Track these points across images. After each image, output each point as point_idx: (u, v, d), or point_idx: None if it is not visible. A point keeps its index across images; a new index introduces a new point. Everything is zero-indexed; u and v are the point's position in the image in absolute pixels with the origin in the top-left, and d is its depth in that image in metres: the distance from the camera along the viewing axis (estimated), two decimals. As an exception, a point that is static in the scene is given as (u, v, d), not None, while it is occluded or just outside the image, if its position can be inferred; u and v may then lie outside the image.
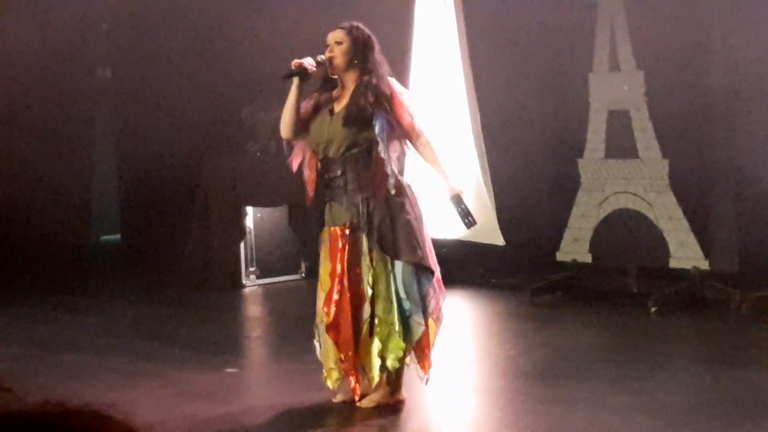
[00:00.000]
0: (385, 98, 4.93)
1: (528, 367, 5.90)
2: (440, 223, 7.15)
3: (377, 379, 5.02)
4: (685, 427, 4.66)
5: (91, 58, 10.57)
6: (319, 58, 4.99)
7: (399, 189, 4.95)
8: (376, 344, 4.97)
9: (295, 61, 4.97)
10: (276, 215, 9.09)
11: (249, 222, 8.91)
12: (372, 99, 4.91)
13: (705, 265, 7.41)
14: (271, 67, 6.71)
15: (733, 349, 6.24)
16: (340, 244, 4.96)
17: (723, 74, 7.40)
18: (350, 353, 4.94)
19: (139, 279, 9.27)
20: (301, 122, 5.06)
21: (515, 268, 8.46)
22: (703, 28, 7.41)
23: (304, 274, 9.10)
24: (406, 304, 4.95)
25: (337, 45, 4.98)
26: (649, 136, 7.63)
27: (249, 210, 8.91)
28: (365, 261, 4.93)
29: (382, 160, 4.89)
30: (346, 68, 5.00)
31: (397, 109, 4.94)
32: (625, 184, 7.76)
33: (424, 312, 4.96)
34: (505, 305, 7.91)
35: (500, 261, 8.53)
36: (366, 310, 4.94)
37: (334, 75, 5.03)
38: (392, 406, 5.04)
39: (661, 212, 7.58)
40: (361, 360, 4.99)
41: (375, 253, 4.92)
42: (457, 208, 5.05)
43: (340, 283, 4.94)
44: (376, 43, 5.05)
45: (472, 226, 5.11)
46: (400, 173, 5.03)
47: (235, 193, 8.88)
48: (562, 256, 8.09)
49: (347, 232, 4.95)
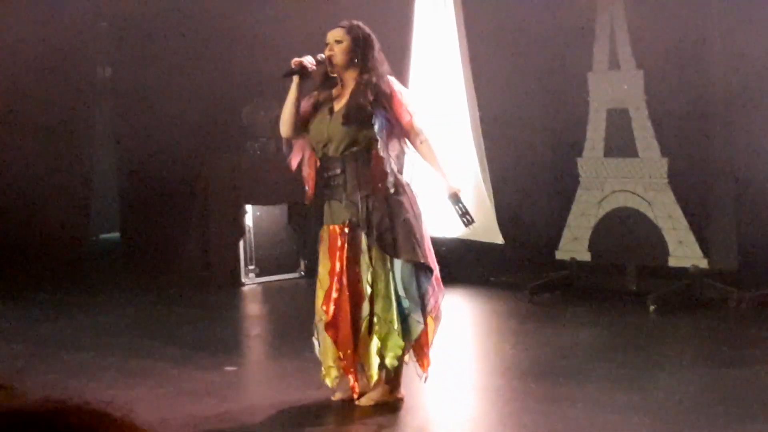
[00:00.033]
0: (385, 97, 4.94)
1: (527, 365, 5.90)
2: (439, 222, 7.15)
3: (376, 377, 5.02)
4: (683, 425, 4.67)
5: (91, 56, 10.56)
6: (319, 57, 5.00)
7: (398, 187, 4.95)
8: (375, 342, 4.97)
9: (295, 60, 4.97)
10: (275, 214, 9.09)
11: (248, 220, 8.91)
12: (371, 97, 4.91)
13: (704, 263, 7.42)
14: (270, 66, 6.71)
15: (731, 347, 6.25)
16: (339, 243, 4.97)
17: (722, 73, 7.40)
18: (349, 351, 4.94)
19: (139, 277, 9.26)
20: (301, 121, 5.06)
21: (514, 267, 8.45)
22: (703, 27, 7.40)
23: (303, 273, 9.10)
24: (405, 303, 4.95)
25: (337, 43, 4.98)
26: (649, 134, 7.63)
27: (248, 208, 8.91)
28: (364, 259, 4.94)
29: (382, 158, 4.89)
30: (346, 67, 5.00)
31: (397, 107, 4.94)
32: (625, 182, 7.76)
33: (423, 310, 4.96)
34: (504, 304, 7.91)
35: (499, 259, 8.53)
36: (365, 308, 4.95)
37: (334, 73, 5.03)
38: (391, 405, 5.05)
39: (660, 211, 7.58)
40: (359, 358, 5.00)
41: (374, 252, 4.92)
42: (455, 206, 5.05)
43: (339, 281, 4.94)
44: (375, 42, 5.05)
45: (470, 225, 5.12)
46: (400, 172, 5.04)
47: (235, 192, 8.88)
48: (561, 254, 8.10)
49: (346, 231, 4.95)
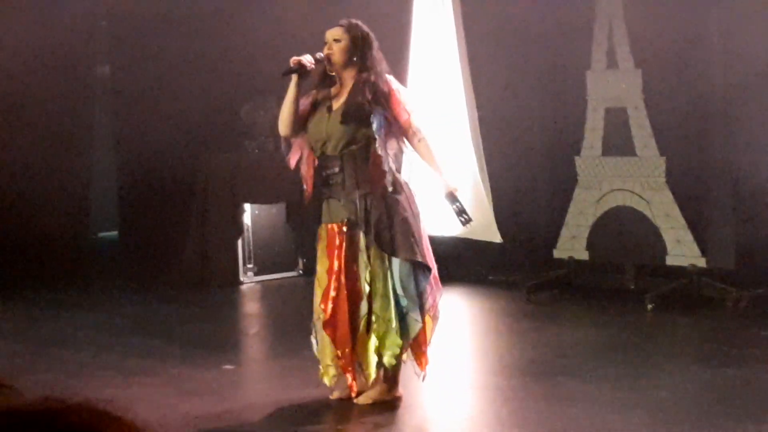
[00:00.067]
0: (383, 95, 4.94)
1: (525, 364, 5.91)
2: (437, 221, 7.16)
3: (374, 376, 5.03)
4: (682, 424, 4.68)
5: (90, 55, 10.56)
6: (318, 56, 5.00)
7: (396, 186, 4.95)
8: (373, 341, 4.97)
9: (294, 59, 4.97)
10: (274, 212, 9.10)
11: (247, 219, 8.91)
12: (370, 96, 4.92)
13: (702, 262, 7.42)
14: (269, 65, 6.72)
15: (729, 346, 6.25)
16: (337, 241, 4.97)
17: (721, 72, 7.41)
18: (347, 350, 4.95)
19: (138, 276, 9.26)
20: (300, 119, 5.06)
21: (512, 266, 8.46)
22: (701, 26, 7.41)
23: (301, 271, 9.10)
24: (404, 301, 4.95)
25: (336, 42, 4.99)
26: (647, 133, 7.64)
27: (247, 207, 8.91)
28: (362, 258, 4.94)
29: (380, 157, 4.89)
30: (345, 65, 5.00)
31: (395, 106, 4.95)
32: (623, 181, 7.77)
33: (421, 309, 4.96)
34: (502, 302, 7.92)
35: (497, 258, 8.54)
36: (363, 307, 4.95)
37: (333, 72, 5.03)
38: (389, 403, 5.05)
39: (658, 210, 7.59)
40: (358, 357, 5.00)
41: (372, 250, 4.92)
42: (452, 205, 5.06)
43: (338, 280, 4.95)
44: (374, 41, 5.05)
45: (467, 224, 5.12)
46: (398, 170, 5.05)
47: (233, 191, 8.89)
48: (559, 253, 8.10)
49: (345, 229, 4.96)
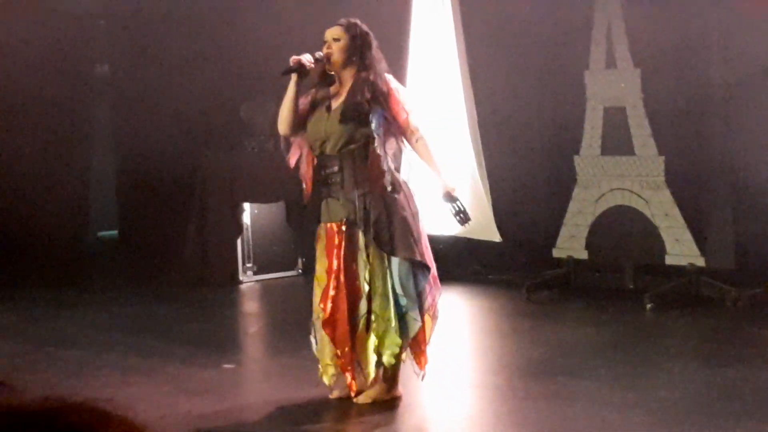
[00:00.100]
0: (382, 95, 4.94)
1: (524, 363, 5.91)
2: (436, 220, 7.16)
3: (373, 375, 5.03)
4: (681, 423, 4.68)
5: (89, 55, 10.57)
6: (317, 55, 5.00)
7: (395, 185, 4.95)
8: (373, 340, 4.98)
9: (294, 58, 4.98)
10: (273, 211, 9.10)
11: (246, 218, 8.92)
12: (369, 95, 4.92)
13: (701, 262, 7.43)
14: (268, 64, 6.72)
15: (728, 346, 6.25)
16: (336, 241, 4.97)
17: (719, 72, 7.41)
18: (346, 349, 4.95)
19: (137, 275, 9.27)
20: (299, 118, 5.06)
21: (511, 265, 8.47)
22: (700, 26, 7.41)
23: (300, 271, 9.11)
24: (403, 301, 4.96)
25: (335, 41, 4.99)
26: (646, 133, 7.65)
27: (246, 206, 8.92)
28: (362, 257, 4.94)
29: (378, 156, 4.90)
30: (344, 65, 5.01)
31: (394, 105, 4.95)
32: (622, 180, 7.77)
33: (420, 308, 4.96)
34: (501, 302, 7.93)
35: (496, 257, 8.55)
36: (362, 306, 4.95)
37: (332, 71, 5.03)
38: (388, 402, 5.05)
39: (657, 209, 7.59)
40: (357, 356, 5.00)
41: (371, 250, 4.92)
42: (450, 205, 5.06)
43: (337, 279, 4.95)
44: (373, 40, 5.05)
45: (465, 223, 5.12)
46: (397, 170, 5.05)
47: (233, 190, 8.89)
48: (558, 252, 8.11)
49: (344, 229, 4.96)
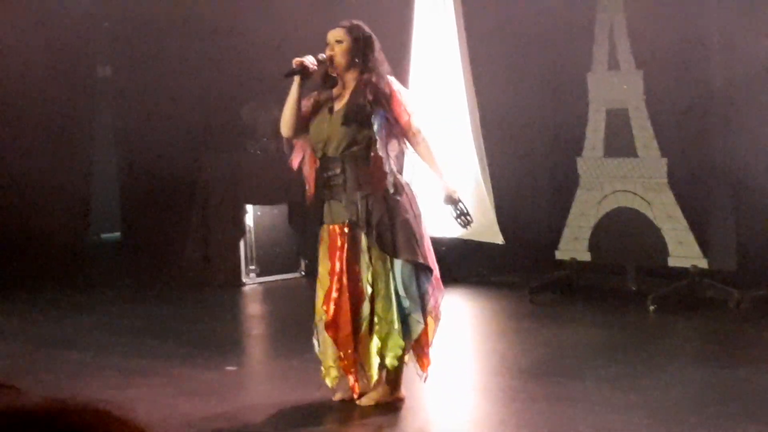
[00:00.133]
0: (384, 97, 4.94)
1: (527, 365, 5.91)
2: (439, 222, 7.16)
3: (376, 377, 5.03)
4: (683, 425, 4.67)
5: (91, 56, 10.57)
6: (320, 57, 5.00)
7: (397, 187, 4.96)
8: (375, 342, 4.98)
9: (297, 60, 4.98)
10: (276, 213, 9.10)
11: (249, 220, 8.92)
12: (371, 97, 4.92)
13: (704, 263, 7.42)
14: (271, 66, 6.72)
15: (731, 347, 6.25)
16: (339, 243, 4.97)
17: (722, 73, 7.40)
18: (349, 351, 4.95)
19: (139, 277, 9.27)
20: (302, 120, 5.07)
21: (514, 267, 8.46)
22: (702, 27, 7.41)
23: (303, 272, 9.11)
24: (405, 302, 4.95)
25: (338, 43, 4.99)
26: (648, 134, 7.64)
27: (249, 208, 8.92)
28: (364, 259, 4.94)
29: (381, 158, 4.90)
30: (347, 67, 5.01)
31: (396, 107, 4.95)
32: (624, 182, 7.77)
33: (423, 310, 4.96)
34: (504, 304, 7.92)
35: (499, 259, 8.54)
36: (365, 308, 4.95)
37: (335, 73, 5.04)
38: (391, 405, 5.05)
39: (659, 211, 7.59)
40: (360, 358, 5.00)
41: (374, 251, 4.93)
42: (452, 207, 5.07)
43: (339, 281, 4.95)
44: (376, 42, 5.06)
45: (467, 226, 5.12)
46: (399, 172, 5.05)
47: (235, 192, 8.90)
48: (561, 254, 8.10)
49: (346, 230, 4.96)
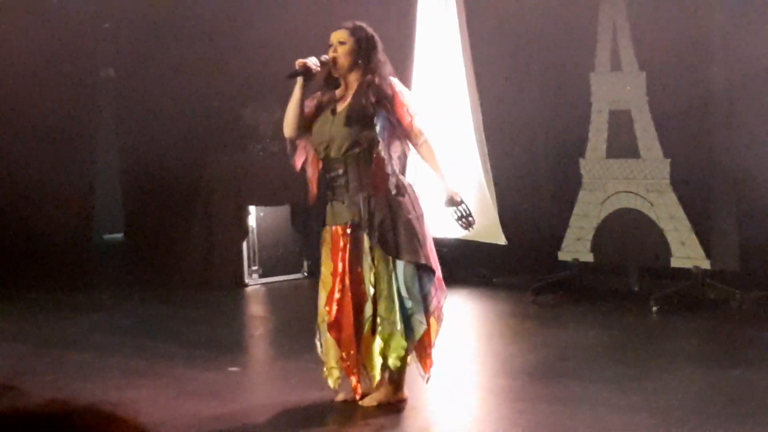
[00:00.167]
0: (387, 98, 4.95)
1: (529, 366, 5.91)
2: (441, 222, 7.16)
3: (378, 378, 5.03)
4: (686, 426, 4.67)
5: (94, 57, 10.59)
6: (323, 58, 5.01)
7: (400, 188, 4.96)
8: (378, 343, 4.98)
9: (299, 61, 4.98)
10: (278, 214, 9.11)
11: (251, 221, 8.93)
12: (374, 99, 4.93)
13: (706, 264, 7.43)
14: (272, 67, 6.72)
15: (734, 348, 6.25)
16: (341, 243, 4.98)
17: (724, 74, 7.40)
18: (352, 352, 4.95)
19: (142, 278, 9.28)
20: (305, 122, 5.07)
21: (517, 268, 8.47)
22: (705, 29, 7.41)
23: (306, 273, 9.12)
24: (408, 303, 4.96)
25: (341, 45, 5.00)
26: (651, 135, 7.64)
27: (251, 209, 8.93)
28: (367, 260, 4.95)
29: (383, 159, 4.91)
30: (350, 68, 5.01)
31: (398, 108, 4.96)
32: (627, 183, 7.77)
33: (426, 311, 4.97)
34: (507, 304, 7.93)
35: (502, 260, 8.55)
36: (368, 309, 4.95)
37: (338, 75, 5.04)
38: (394, 405, 5.05)
39: (662, 212, 7.59)
40: (362, 359, 5.00)
41: (376, 252, 4.93)
42: (453, 209, 5.07)
43: (342, 282, 4.95)
44: (379, 43, 5.06)
45: (469, 227, 5.13)
46: (402, 173, 5.05)
47: (238, 193, 8.91)
48: (564, 255, 8.11)
49: (348, 231, 4.97)
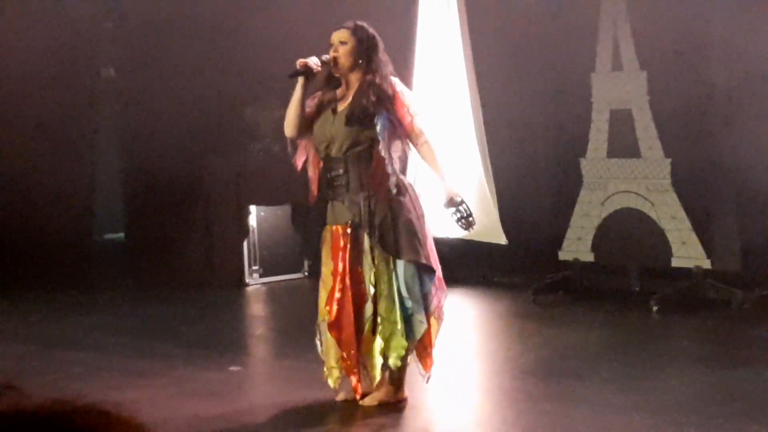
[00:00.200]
0: (387, 98, 4.95)
1: (530, 366, 5.91)
2: (442, 222, 7.16)
3: (379, 377, 5.03)
4: (687, 426, 4.67)
5: (95, 57, 10.58)
6: (324, 58, 5.01)
7: (400, 188, 4.96)
8: (378, 343, 4.98)
9: (301, 61, 4.99)
10: (279, 214, 9.11)
11: (252, 221, 8.93)
12: (374, 98, 4.93)
13: (707, 264, 7.42)
14: (274, 67, 6.72)
15: (734, 348, 6.25)
16: (341, 243, 4.98)
17: (725, 74, 7.40)
18: (352, 352, 4.96)
19: (143, 277, 9.28)
20: (306, 121, 5.07)
21: (517, 267, 8.46)
22: (706, 28, 7.40)
23: (306, 273, 9.12)
24: (408, 303, 4.96)
25: (342, 44, 5.00)
26: (652, 135, 7.64)
27: (252, 209, 8.93)
28: (367, 260, 4.95)
29: (383, 159, 4.91)
30: (351, 68, 5.02)
31: (399, 108, 4.96)
32: (628, 183, 7.76)
33: (426, 310, 4.97)
34: (507, 304, 7.93)
35: (502, 260, 8.54)
36: (368, 308, 4.96)
37: (338, 74, 5.04)
38: (394, 405, 5.06)
39: (663, 211, 7.59)
40: (363, 359, 5.01)
41: (377, 252, 4.93)
42: (453, 209, 5.07)
43: (342, 281, 4.95)
44: (380, 43, 5.06)
45: (469, 228, 5.13)
46: (402, 172, 5.06)
47: (238, 192, 8.91)
48: (565, 255, 8.10)
49: (349, 231, 4.97)
